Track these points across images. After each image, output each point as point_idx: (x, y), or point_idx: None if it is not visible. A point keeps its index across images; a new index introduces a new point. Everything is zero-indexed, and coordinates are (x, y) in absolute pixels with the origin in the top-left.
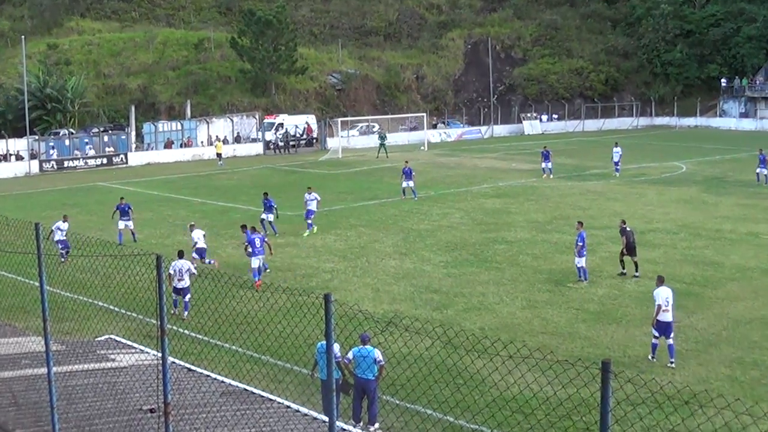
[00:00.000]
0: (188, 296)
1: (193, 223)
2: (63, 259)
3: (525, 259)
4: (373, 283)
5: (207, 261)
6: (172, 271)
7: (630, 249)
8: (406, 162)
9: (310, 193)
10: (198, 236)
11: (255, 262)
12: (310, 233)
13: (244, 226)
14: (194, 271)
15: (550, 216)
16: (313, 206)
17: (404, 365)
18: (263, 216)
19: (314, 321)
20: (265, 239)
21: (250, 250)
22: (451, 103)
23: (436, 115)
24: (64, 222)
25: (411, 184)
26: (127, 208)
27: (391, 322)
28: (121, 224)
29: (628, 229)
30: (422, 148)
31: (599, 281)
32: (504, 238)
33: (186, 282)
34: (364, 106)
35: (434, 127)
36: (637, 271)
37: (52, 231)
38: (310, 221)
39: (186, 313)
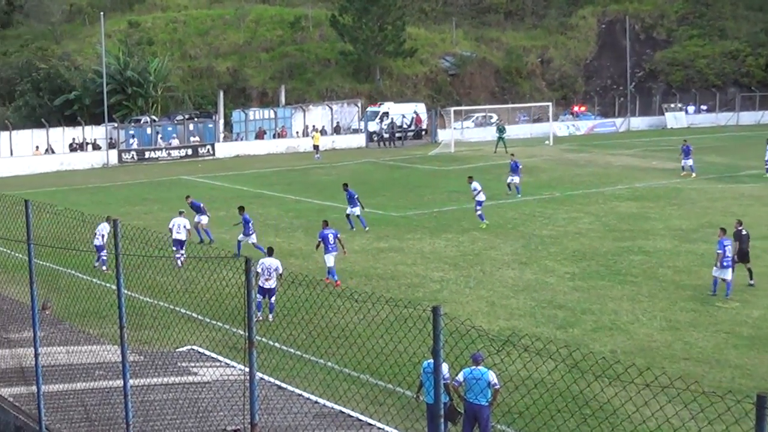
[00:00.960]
0: (274, 298)
1: (182, 210)
2: (103, 268)
3: (665, 273)
4: (488, 296)
5: (179, 256)
6: (259, 269)
7: (742, 255)
8: (512, 155)
9: (471, 182)
10: (180, 224)
11: (330, 260)
12: (486, 225)
13: (325, 222)
14: (281, 270)
15: (695, 223)
16: (481, 197)
17: (522, 390)
18: (348, 211)
19: (420, 337)
20: (338, 236)
21: (322, 246)
22: (581, 90)
23: (564, 104)
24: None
25: (516, 179)
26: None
27: (508, 340)
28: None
29: (744, 232)
30: (547, 142)
31: (754, 300)
32: (641, 248)
33: (273, 282)
34: (480, 93)
35: (572, 115)
36: (751, 279)
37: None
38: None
39: (271, 315)
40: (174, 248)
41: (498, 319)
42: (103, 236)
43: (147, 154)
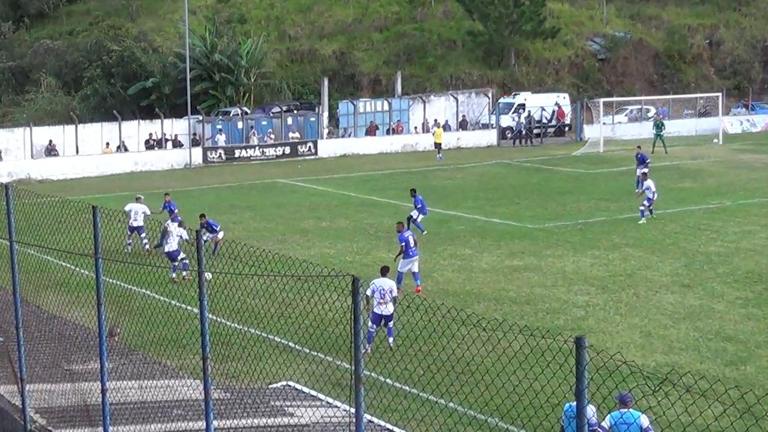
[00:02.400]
0: (392, 322)
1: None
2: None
3: None
4: (642, 325)
5: (183, 272)
6: (369, 293)
7: None
8: (639, 147)
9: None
10: (138, 210)
11: (411, 265)
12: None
13: (400, 224)
14: (396, 293)
15: None
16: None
17: None
18: (415, 215)
19: (561, 373)
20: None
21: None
22: (758, 78)
23: (737, 95)
24: (138, 202)
25: (643, 171)
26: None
27: (666, 379)
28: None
29: None
30: (715, 140)
31: None
32: None
33: (390, 308)
34: (635, 82)
35: (746, 109)
36: None
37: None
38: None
39: (391, 339)
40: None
41: (654, 352)
42: (139, 214)
43: (237, 153)
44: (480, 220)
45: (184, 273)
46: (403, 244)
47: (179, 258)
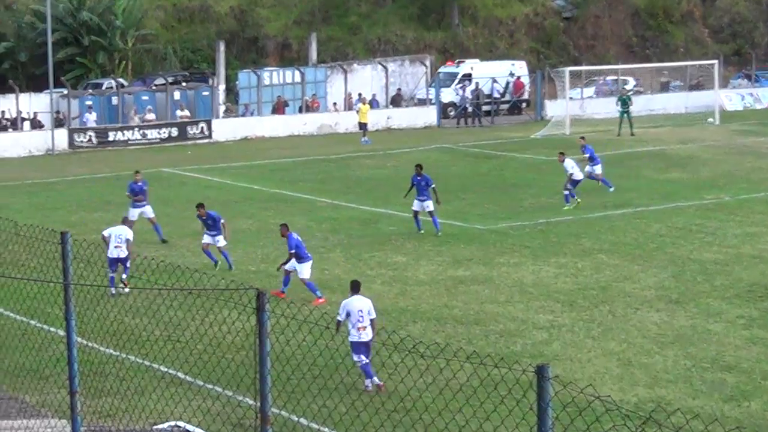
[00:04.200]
0: (369, 355)
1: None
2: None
3: None
4: (620, 351)
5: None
6: (342, 316)
7: None
8: (582, 138)
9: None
10: (120, 235)
11: (306, 271)
12: (570, 207)
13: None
14: (374, 314)
15: None
16: (579, 174)
17: None
18: (416, 206)
19: (519, 411)
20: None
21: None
22: (762, 42)
23: (736, 63)
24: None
25: (597, 170)
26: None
27: (650, 418)
28: (207, 238)
29: None
30: (710, 120)
31: None
32: None
33: (370, 333)
34: (610, 46)
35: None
36: None
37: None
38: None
39: (376, 379)
40: (110, 269)
41: (636, 385)
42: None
43: (111, 136)
44: (430, 222)
45: (124, 276)
46: (293, 251)
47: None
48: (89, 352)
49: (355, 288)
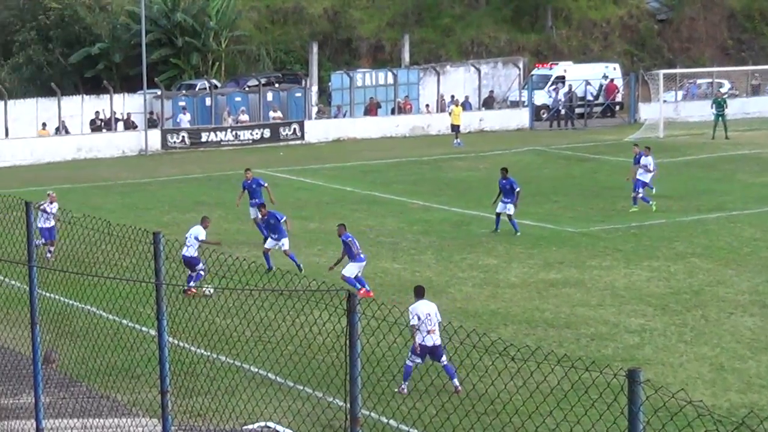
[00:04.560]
0: (445, 357)
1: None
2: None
3: None
4: (712, 355)
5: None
6: (415, 321)
7: None
8: (635, 145)
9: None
10: (191, 234)
11: (354, 269)
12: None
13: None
14: (440, 317)
15: None
16: (646, 177)
17: None
18: (500, 208)
19: (609, 415)
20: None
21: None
22: None
23: None
24: (51, 203)
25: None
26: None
27: (743, 423)
28: (270, 243)
29: None
30: None
31: None
32: None
33: (438, 338)
34: (705, 49)
35: None
36: None
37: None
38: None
39: (456, 381)
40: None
41: (728, 390)
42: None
43: (204, 137)
44: (508, 223)
45: (191, 284)
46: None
47: (197, 267)
48: (180, 351)
49: (419, 293)
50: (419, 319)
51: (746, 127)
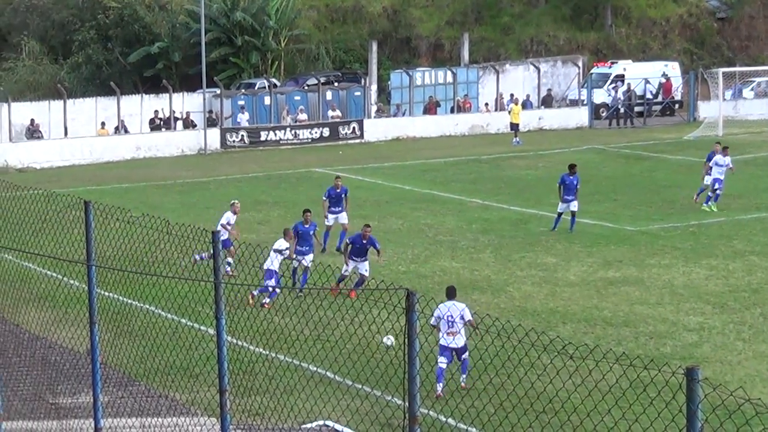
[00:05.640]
0: (467, 354)
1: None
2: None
3: None
4: None
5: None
6: (434, 321)
7: None
8: (718, 143)
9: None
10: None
11: (349, 267)
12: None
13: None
14: (470, 316)
15: None
16: (721, 174)
17: None
18: (561, 208)
19: (668, 413)
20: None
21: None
22: None
23: None
24: (233, 213)
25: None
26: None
27: None
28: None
29: None
30: None
31: None
32: None
33: (461, 339)
34: (764, 46)
35: None
36: None
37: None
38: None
39: (464, 377)
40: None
41: None
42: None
43: (263, 136)
44: (567, 221)
45: (267, 301)
46: (350, 242)
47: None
48: (239, 350)
49: (450, 294)
50: (438, 319)
51: None
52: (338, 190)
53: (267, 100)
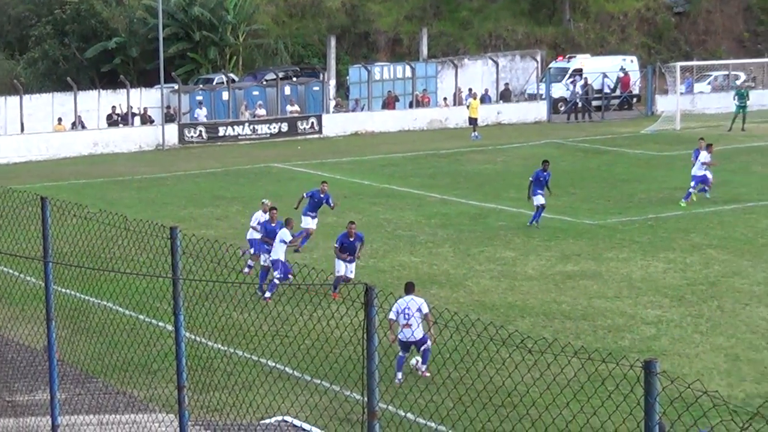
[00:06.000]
0: (426, 345)
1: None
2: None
3: None
4: (728, 346)
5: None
6: (393, 315)
7: None
8: (701, 139)
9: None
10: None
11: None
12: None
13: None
14: (427, 310)
15: None
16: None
17: None
18: (537, 202)
19: (626, 406)
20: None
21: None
22: None
23: None
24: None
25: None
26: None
27: (758, 413)
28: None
29: None
30: None
31: None
32: None
33: (419, 332)
34: (721, 41)
35: None
36: None
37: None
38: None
39: (424, 367)
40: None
41: (743, 381)
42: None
43: (222, 131)
44: (525, 215)
45: (268, 294)
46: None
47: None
48: (197, 347)
49: (408, 289)
50: (396, 313)
51: (762, 119)
52: (322, 195)
53: (225, 96)
